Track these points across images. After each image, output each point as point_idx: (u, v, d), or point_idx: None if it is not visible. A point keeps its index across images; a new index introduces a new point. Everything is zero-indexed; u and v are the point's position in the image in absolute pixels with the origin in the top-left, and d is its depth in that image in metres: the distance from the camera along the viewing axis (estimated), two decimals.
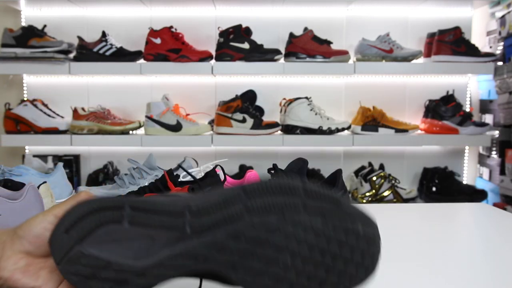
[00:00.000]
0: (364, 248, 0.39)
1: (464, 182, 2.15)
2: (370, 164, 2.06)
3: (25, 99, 2.01)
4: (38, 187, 0.80)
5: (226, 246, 0.37)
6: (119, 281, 0.37)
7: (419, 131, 2.04)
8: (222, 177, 0.56)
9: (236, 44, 1.87)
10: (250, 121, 1.89)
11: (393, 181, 1.96)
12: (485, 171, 2.10)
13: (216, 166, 0.46)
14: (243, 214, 0.37)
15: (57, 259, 0.38)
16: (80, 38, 1.92)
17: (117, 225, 0.37)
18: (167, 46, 1.87)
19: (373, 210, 0.97)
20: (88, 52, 1.89)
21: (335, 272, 0.38)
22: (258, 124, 1.89)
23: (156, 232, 0.37)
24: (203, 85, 2.10)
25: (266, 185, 0.38)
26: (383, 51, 1.92)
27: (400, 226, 0.83)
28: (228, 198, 0.38)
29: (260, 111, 2.06)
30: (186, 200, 0.38)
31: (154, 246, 0.37)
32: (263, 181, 0.38)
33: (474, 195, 1.95)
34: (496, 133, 2.01)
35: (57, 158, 2.06)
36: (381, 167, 2.05)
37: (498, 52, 1.98)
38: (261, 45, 1.89)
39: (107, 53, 1.89)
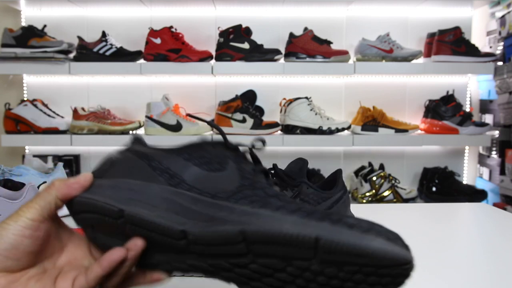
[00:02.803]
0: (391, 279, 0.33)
1: (464, 182, 2.15)
2: (370, 164, 2.06)
3: (25, 99, 2.01)
4: (38, 187, 0.80)
5: (231, 270, 0.35)
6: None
7: (419, 131, 2.04)
8: None
9: (236, 44, 1.87)
10: (250, 121, 1.89)
11: (393, 181, 1.96)
12: (485, 171, 2.10)
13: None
14: (247, 253, 0.34)
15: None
16: (80, 38, 1.92)
17: (115, 225, 0.37)
18: (167, 46, 1.87)
19: (373, 210, 0.97)
20: (88, 52, 1.89)
21: None
22: (258, 124, 1.89)
23: (153, 241, 0.36)
24: (203, 85, 2.10)
25: (272, 235, 0.33)
26: (383, 51, 1.92)
27: (400, 226, 0.83)
28: (227, 240, 0.34)
29: (260, 111, 2.06)
30: (181, 219, 0.36)
31: (150, 249, 0.37)
32: (269, 230, 0.33)
33: (474, 195, 1.95)
34: (496, 133, 2.01)
35: (57, 158, 2.06)
36: (381, 167, 2.05)
37: (498, 52, 1.98)
38: (261, 45, 1.89)
39: (107, 53, 1.89)
